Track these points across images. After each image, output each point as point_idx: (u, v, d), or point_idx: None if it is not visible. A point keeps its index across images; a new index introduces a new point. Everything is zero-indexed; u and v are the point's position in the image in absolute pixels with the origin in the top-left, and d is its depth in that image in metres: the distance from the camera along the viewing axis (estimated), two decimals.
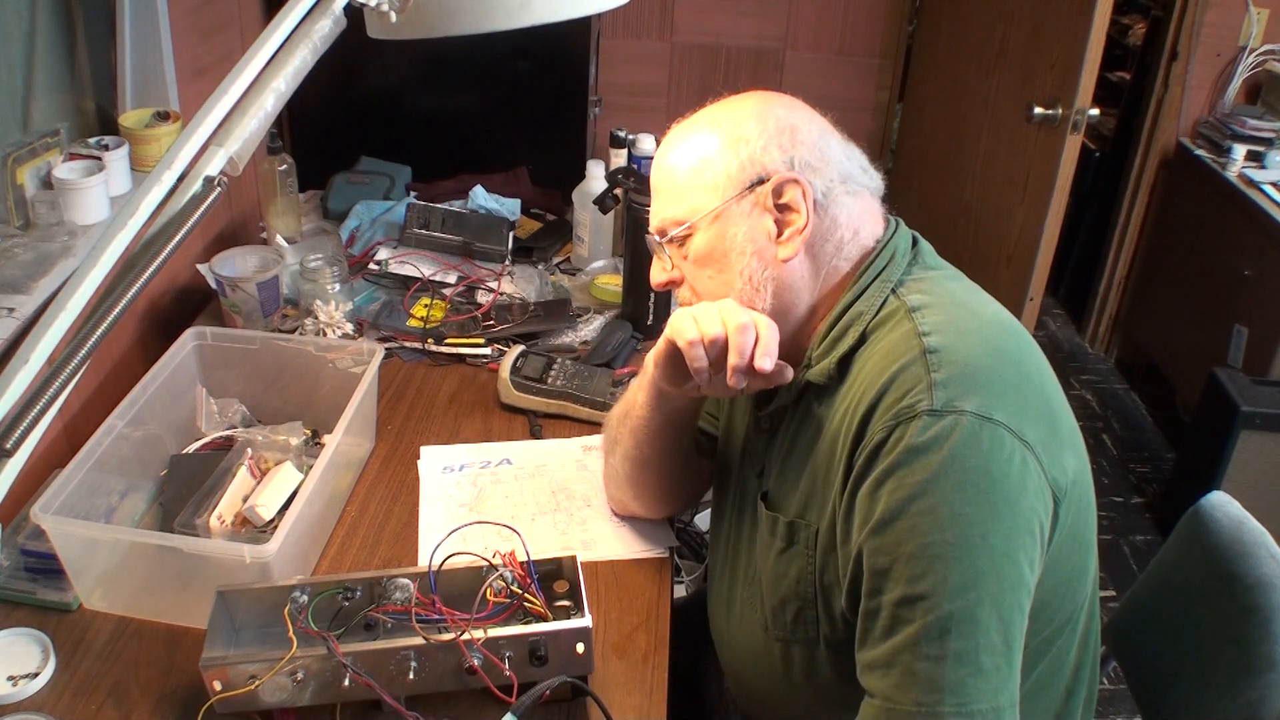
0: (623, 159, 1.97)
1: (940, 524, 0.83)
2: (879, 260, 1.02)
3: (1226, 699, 1.09)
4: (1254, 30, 2.94)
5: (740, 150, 1.00)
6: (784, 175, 0.99)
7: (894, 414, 0.87)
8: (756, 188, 1.00)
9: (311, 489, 1.17)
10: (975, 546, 0.83)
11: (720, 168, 1.01)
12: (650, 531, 1.33)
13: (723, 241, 1.01)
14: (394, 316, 1.71)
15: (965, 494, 0.83)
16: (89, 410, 1.46)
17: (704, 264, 1.03)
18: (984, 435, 0.84)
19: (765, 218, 1.00)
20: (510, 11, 0.82)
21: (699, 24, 3.09)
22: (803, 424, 1.03)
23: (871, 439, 0.89)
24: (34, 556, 1.19)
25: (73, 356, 0.66)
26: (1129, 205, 3.28)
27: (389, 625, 1.03)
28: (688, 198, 1.02)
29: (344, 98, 2.14)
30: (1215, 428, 2.46)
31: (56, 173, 1.45)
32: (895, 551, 0.85)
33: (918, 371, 0.89)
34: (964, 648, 0.82)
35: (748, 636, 1.12)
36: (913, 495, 0.84)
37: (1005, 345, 0.93)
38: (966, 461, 0.84)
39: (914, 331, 0.93)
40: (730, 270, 1.01)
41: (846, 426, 0.94)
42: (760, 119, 1.02)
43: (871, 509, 0.87)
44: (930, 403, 0.86)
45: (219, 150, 0.73)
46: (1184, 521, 1.22)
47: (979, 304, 1.00)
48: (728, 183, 1.01)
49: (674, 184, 1.04)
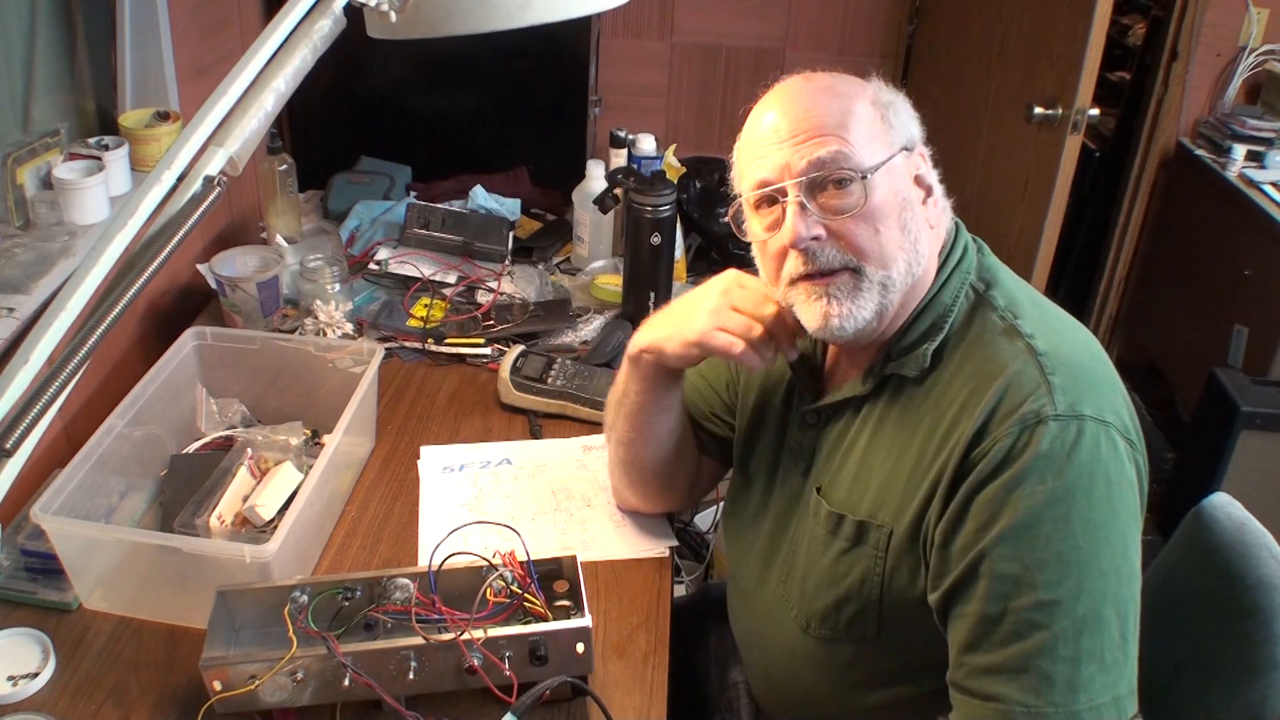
0: (623, 159, 1.97)
1: (1073, 532, 0.86)
2: (955, 251, 1.03)
3: (1228, 700, 1.09)
4: (1254, 30, 2.94)
5: (894, 111, 0.99)
6: (917, 146, 1.01)
7: (1019, 418, 0.88)
8: (905, 151, 0.99)
9: (311, 489, 1.17)
10: (1102, 550, 0.86)
11: (883, 123, 0.98)
12: (650, 531, 1.33)
13: (897, 196, 0.97)
14: (394, 316, 1.71)
15: (1094, 500, 0.86)
16: (89, 410, 1.46)
17: (878, 219, 0.96)
18: (1103, 440, 0.88)
19: (912, 174, 1.00)
20: (510, 11, 0.82)
21: (699, 24, 3.09)
22: (880, 419, 1.02)
23: (995, 442, 0.89)
24: (34, 556, 1.19)
25: (73, 356, 0.66)
26: (1129, 205, 3.27)
27: (389, 625, 1.03)
28: (867, 143, 0.96)
29: (344, 98, 2.14)
30: (1215, 428, 2.46)
31: (56, 173, 1.45)
32: (1029, 558, 0.86)
33: (1034, 375, 0.90)
34: (1092, 647, 0.85)
35: (781, 635, 1.11)
36: (1047, 503, 0.86)
37: (1090, 344, 0.98)
38: (1094, 468, 0.87)
39: (1015, 331, 0.95)
40: (903, 229, 0.97)
41: (950, 428, 0.93)
42: (892, 89, 1.02)
43: (996, 514, 0.88)
44: (1054, 408, 0.88)
45: (219, 150, 0.73)
46: (1185, 522, 1.22)
47: (1043, 300, 1.03)
48: (892, 138, 0.98)
49: (847, 123, 0.96)
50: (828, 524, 1.03)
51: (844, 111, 0.96)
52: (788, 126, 0.96)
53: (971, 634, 0.89)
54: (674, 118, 3.19)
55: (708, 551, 2.09)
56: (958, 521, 0.91)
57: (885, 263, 0.96)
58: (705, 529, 2.16)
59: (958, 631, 0.90)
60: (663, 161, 1.99)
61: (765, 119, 0.99)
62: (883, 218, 0.95)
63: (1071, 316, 1.02)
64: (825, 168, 0.94)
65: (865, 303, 0.97)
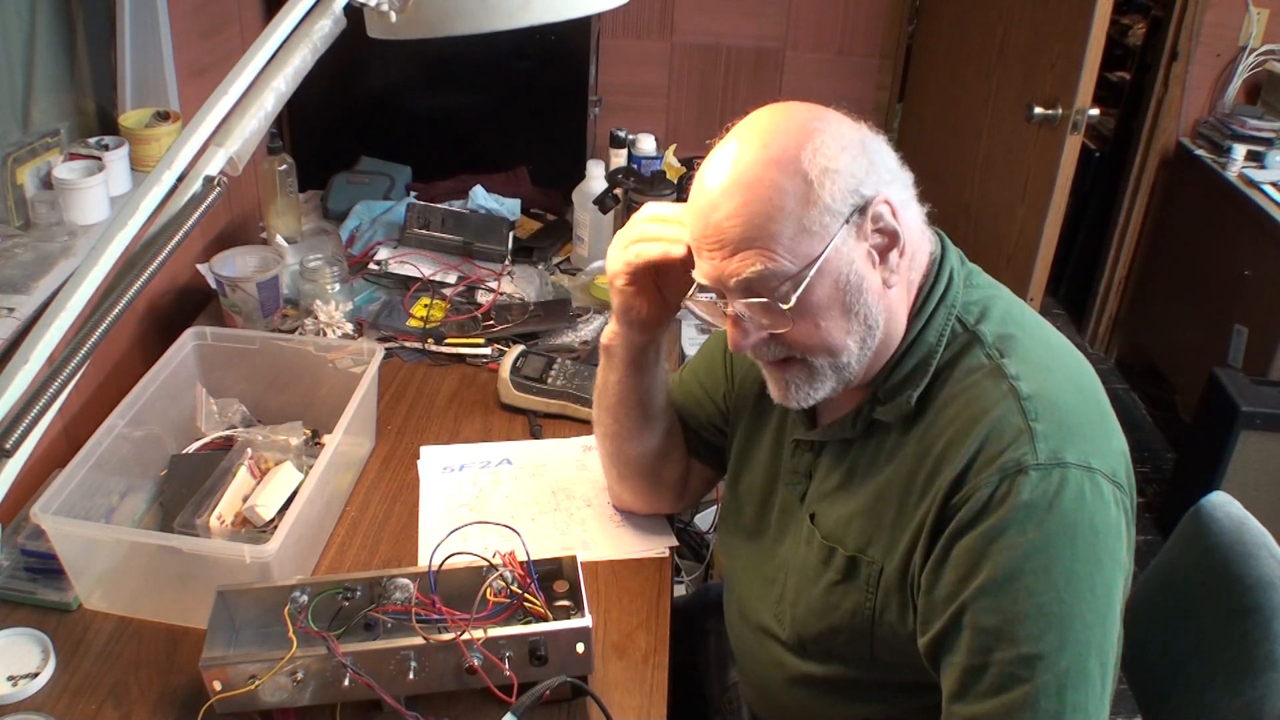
0: (623, 159, 1.97)
1: (1055, 584, 0.84)
2: (939, 282, 0.97)
3: (1227, 699, 1.09)
4: (1254, 30, 2.94)
5: (832, 180, 0.89)
6: (878, 195, 0.91)
7: (998, 467, 0.86)
8: (854, 217, 0.90)
9: (311, 489, 1.17)
10: (1085, 602, 0.85)
11: (816, 203, 0.88)
12: (650, 531, 1.33)
13: (837, 285, 0.90)
14: (394, 316, 1.71)
15: (1076, 551, 0.85)
16: (89, 410, 1.46)
17: (815, 317, 0.91)
18: (1088, 488, 0.86)
19: (863, 245, 0.91)
20: (510, 11, 0.82)
21: (699, 24, 3.09)
22: (868, 457, 1.00)
23: (974, 491, 0.87)
24: (34, 556, 1.19)
25: (73, 356, 0.66)
26: (1129, 205, 3.28)
27: (389, 625, 1.03)
28: (794, 244, 0.89)
29: (344, 98, 2.14)
30: (1215, 428, 2.46)
31: (56, 173, 1.45)
32: (1009, 611, 0.85)
33: (1015, 421, 0.88)
34: (1076, 700, 0.84)
35: (774, 649, 1.10)
36: (1026, 555, 0.84)
37: (1081, 379, 0.94)
38: (1076, 517, 0.85)
39: (1000, 373, 0.91)
40: (847, 314, 0.92)
41: (932, 472, 0.91)
42: (832, 137, 0.91)
43: (977, 565, 0.86)
44: (1035, 456, 0.86)
45: (219, 150, 0.73)
46: (1185, 521, 1.22)
47: (1038, 329, 0.98)
48: (831, 218, 0.89)
49: (763, 233, 0.89)
50: (820, 554, 1.02)
51: (767, 215, 0.89)
52: (714, 233, 0.92)
53: (958, 684, 0.88)
54: (674, 118, 3.19)
55: (708, 551, 2.09)
56: (939, 570, 0.89)
57: (832, 351, 0.93)
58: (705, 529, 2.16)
59: (946, 680, 0.90)
60: (663, 161, 1.99)
61: (696, 207, 0.94)
62: (822, 312, 0.91)
63: (1068, 343, 0.98)
64: (753, 288, 0.91)
65: (822, 384, 0.96)
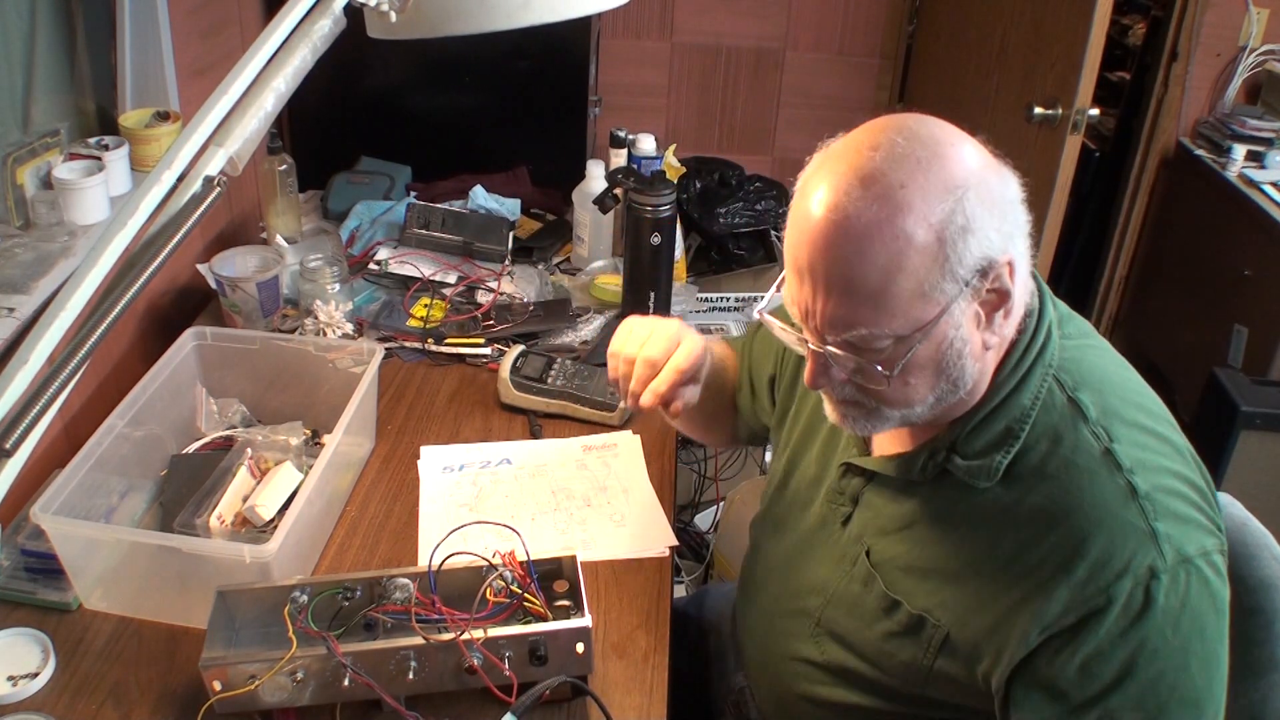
0: (623, 159, 1.97)
1: (1193, 677, 0.84)
2: (1036, 339, 0.91)
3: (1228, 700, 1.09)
4: (1254, 30, 2.94)
5: (966, 243, 0.80)
6: (1004, 257, 0.83)
7: (1131, 575, 0.83)
8: (975, 280, 0.82)
9: (311, 489, 1.17)
10: (1216, 681, 0.86)
11: (943, 267, 0.80)
12: (650, 531, 1.33)
13: (939, 350, 0.84)
14: (394, 316, 1.71)
15: (1205, 638, 0.85)
16: (89, 410, 1.46)
17: (908, 375, 0.85)
18: (1211, 577, 0.86)
19: (973, 307, 0.84)
20: (510, 11, 0.82)
21: (699, 24, 3.09)
22: (937, 509, 0.95)
23: (1109, 599, 0.83)
24: (34, 556, 1.19)
25: (73, 356, 0.66)
26: (1129, 205, 3.27)
27: (389, 625, 1.03)
28: (899, 308, 0.81)
29: (344, 98, 2.14)
30: (1215, 428, 2.45)
31: (56, 173, 1.45)
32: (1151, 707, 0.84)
33: (1138, 524, 0.84)
34: None
35: (806, 674, 1.08)
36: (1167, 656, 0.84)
37: (1181, 444, 0.92)
38: (1204, 608, 0.85)
39: (1114, 463, 0.86)
40: (939, 375, 0.86)
41: (1040, 560, 0.86)
42: (977, 192, 0.81)
43: (1113, 671, 0.84)
44: (1164, 561, 0.83)
45: (219, 150, 0.73)
46: None
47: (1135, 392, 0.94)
48: (953, 284, 0.81)
49: (877, 289, 0.81)
50: (880, 601, 0.98)
51: (887, 271, 0.80)
52: (820, 268, 0.82)
53: None
54: (674, 118, 3.19)
55: (708, 551, 2.09)
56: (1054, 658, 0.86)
57: (909, 404, 0.88)
58: (705, 529, 2.17)
59: None
60: (663, 161, 1.99)
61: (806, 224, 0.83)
62: (916, 372, 0.85)
63: (1152, 394, 0.95)
64: (851, 342, 0.84)
65: (884, 424, 0.91)
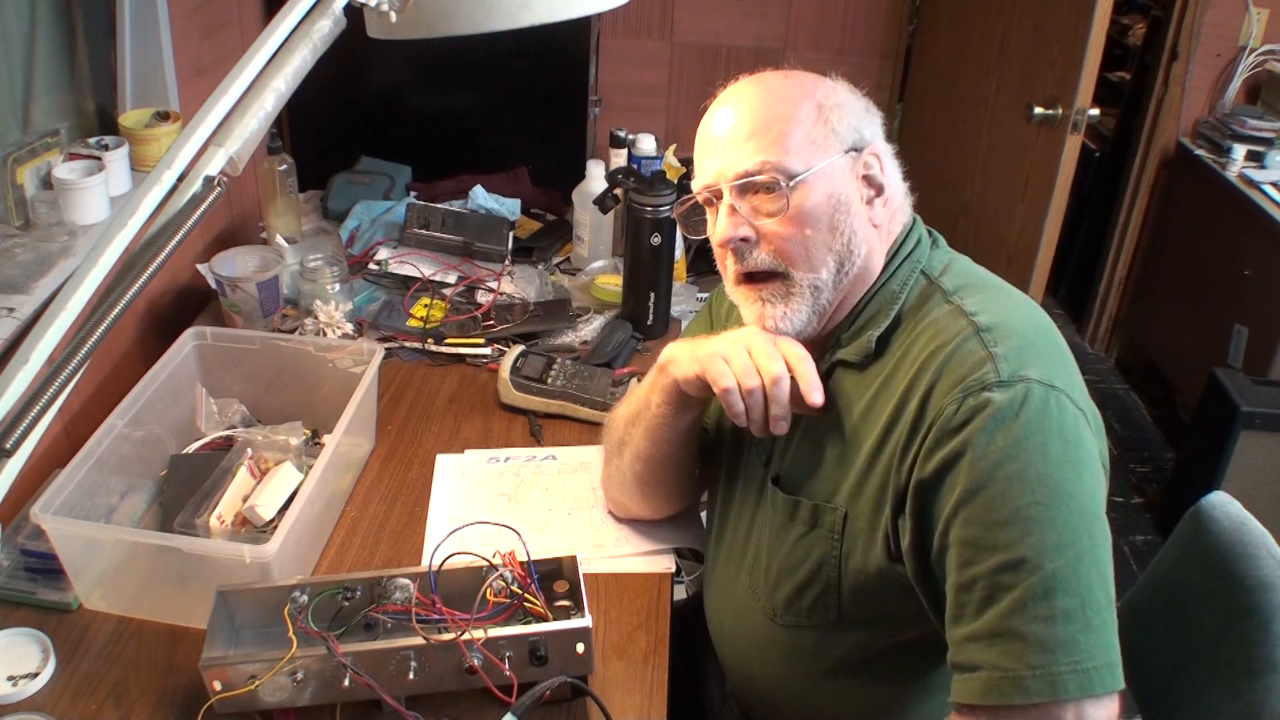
0: (623, 159, 1.97)
1: (1029, 486, 0.85)
2: (907, 242, 1.05)
3: (1227, 700, 1.09)
4: (1254, 30, 2.94)
5: (839, 113, 1.01)
6: (874, 144, 1.03)
7: (962, 388, 0.89)
8: (852, 153, 1.01)
9: (311, 489, 1.17)
10: (1065, 505, 0.85)
11: (825, 123, 1.00)
12: (680, 525, 1.35)
13: (829, 200, 0.99)
14: (394, 316, 1.71)
15: (1048, 455, 0.85)
16: (89, 410, 1.46)
17: (805, 222, 0.99)
18: (1052, 400, 0.87)
19: (855, 180, 1.01)
20: (510, 11, 0.82)
21: (699, 24, 3.09)
22: (831, 405, 1.03)
23: (939, 414, 0.89)
24: (34, 556, 1.19)
25: (73, 356, 0.66)
26: (1129, 205, 3.28)
27: (389, 625, 1.03)
28: (801, 148, 0.99)
29: (344, 98, 2.14)
30: (1215, 428, 2.46)
31: (56, 173, 1.45)
32: (986, 519, 0.85)
33: (975, 347, 0.91)
34: (1071, 605, 0.82)
35: (752, 627, 1.12)
36: (998, 461, 0.86)
37: (1043, 322, 0.97)
38: (1043, 424, 0.86)
39: (960, 311, 0.96)
40: (832, 231, 1.00)
41: (898, 408, 0.94)
42: (846, 90, 1.04)
43: (953, 482, 0.88)
44: (997, 374, 0.88)
45: (219, 150, 0.73)
46: (1184, 522, 1.22)
47: (998, 283, 1.03)
48: (836, 142, 1.00)
49: (781, 130, 0.99)
50: (785, 510, 1.06)
51: (781, 117, 0.99)
52: (727, 131, 1.01)
53: (953, 606, 0.88)
54: (674, 118, 3.19)
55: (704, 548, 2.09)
56: (919, 499, 0.91)
57: (812, 265, 1.00)
58: None
59: (946, 610, 0.90)
60: (663, 161, 1.99)
61: (710, 121, 1.04)
62: (811, 221, 0.99)
63: (1030, 299, 1.02)
64: (753, 175, 0.99)
65: (799, 307, 1.01)
